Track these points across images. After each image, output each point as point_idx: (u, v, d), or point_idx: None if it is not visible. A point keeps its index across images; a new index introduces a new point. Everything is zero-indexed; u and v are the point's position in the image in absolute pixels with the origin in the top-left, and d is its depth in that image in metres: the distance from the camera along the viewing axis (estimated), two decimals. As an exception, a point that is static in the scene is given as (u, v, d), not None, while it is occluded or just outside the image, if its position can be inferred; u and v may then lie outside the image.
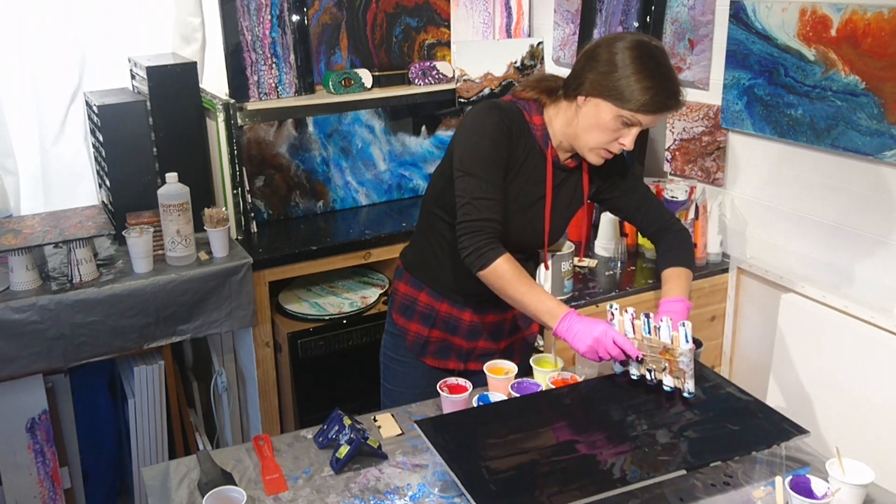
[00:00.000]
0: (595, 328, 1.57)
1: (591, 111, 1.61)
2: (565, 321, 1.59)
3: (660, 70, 1.56)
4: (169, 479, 1.51)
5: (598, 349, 1.57)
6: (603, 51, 1.59)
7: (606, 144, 1.63)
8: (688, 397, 1.59)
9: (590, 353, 1.58)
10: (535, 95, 1.71)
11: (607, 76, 1.57)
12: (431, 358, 1.90)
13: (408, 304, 1.88)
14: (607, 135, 1.61)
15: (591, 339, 1.57)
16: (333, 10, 2.76)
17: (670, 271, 1.77)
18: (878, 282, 1.96)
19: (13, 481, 2.28)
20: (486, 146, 1.64)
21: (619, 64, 1.56)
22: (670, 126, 2.48)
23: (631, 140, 1.61)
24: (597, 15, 2.63)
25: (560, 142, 1.71)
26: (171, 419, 2.49)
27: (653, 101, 1.55)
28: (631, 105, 1.56)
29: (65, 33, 2.54)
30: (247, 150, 2.68)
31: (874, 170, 1.93)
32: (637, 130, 1.61)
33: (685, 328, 1.55)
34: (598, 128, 1.61)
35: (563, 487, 1.32)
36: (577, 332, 1.58)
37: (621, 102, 1.56)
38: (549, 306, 1.61)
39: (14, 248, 2.10)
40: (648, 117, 1.58)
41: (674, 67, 1.60)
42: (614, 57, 1.57)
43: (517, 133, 1.68)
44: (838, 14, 1.93)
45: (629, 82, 1.55)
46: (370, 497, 1.45)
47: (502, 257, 1.61)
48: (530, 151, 1.71)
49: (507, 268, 1.61)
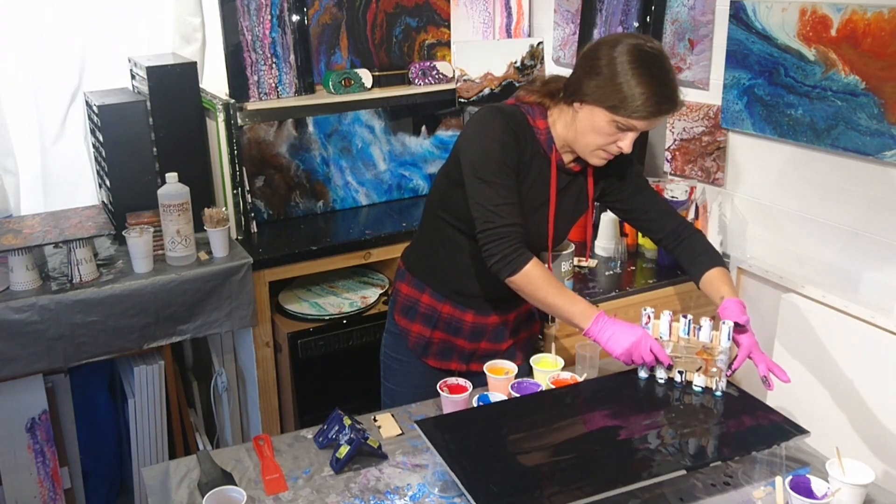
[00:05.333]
0: (633, 333, 1.60)
1: (587, 116, 1.61)
2: (598, 323, 1.61)
3: (654, 74, 1.55)
4: (169, 479, 1.51)
5: (633, 354, 1.60)
6: (598, 56, 1.59)
7: (604, 147, 1.64)
8: (717, 396, 1.62)
9: (624, 357, 1.61)
10: (538, 99, 1.71)
11: (601, 82, 1.57)
12: (433, 359, 1.90)
13: (410, 306, 1.88)
14: (604, 138, 1.62)
15: (628, 343, 1.59)
16: (333, 10, 2.76)
17: (711, 275, 1.76)
18: (878, 282, 1.96)
19: (13, 481, 2.29)
20: (497, 150, 1.64)
21: (612, 70, 1.55)
22: (670, 126, 2.48)
23: (628, 143, 1.62)
24: (597, 15, 2.63)
25: (563, 145, 1.72)
26: (171, 419, 2.49)
27: (646, 107, 1.55)
28: (625, 111, 1.56)
29: (65, 33, 2.54)
30: (247, 150, 2.68)
31: (874, 170, 1.93)
32: (634, 134, 1.61)
33: (727, 326, 1.59)
34: (595, 132, 1.62)
35: (563, 487, 1.32)
36: (613, 335, 1.60)
37: (615, 109, 1.56)
38: (580, 308, 1.63)
39: (14, 248, 2.10)
40: (643, 122, 1.58)
41: (672, 68, 1.60)
42: (608, 63, 1.56)
43: (523, 137, 1.68)
44: (838, 14, 1.93)
45: (623, 88, 1.54)
46: (370, 497, 1.45)
47: (531, 262, 1.62)
48: (535, 155, 1.71)
49: (536, 272, 1.62)
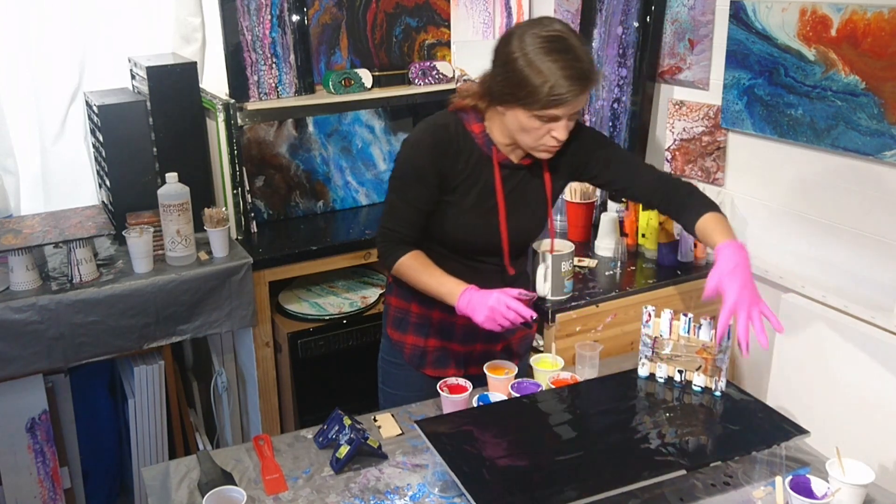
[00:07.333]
0: (489, 297, 1.58)
1: (511, 117, 1.60)
2: (463, 298, 1.61)
3: (556, 58, 1.51)
4: (169, 479, 1.51)
5: (495, 317, 1.57)
6: (498, 55, 1.58)
7: (541, 140, 1.61)
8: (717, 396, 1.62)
9: (489, 323, 1.58)
10: (471, 103, 1.68)
11: (507, 81, 1.55)
12: (430, 368, 1.89)
13: (401, 317, 1.88)
14: (535, 133, 1.60)
15: (486, 308, 1.58)
16: (333, 10, 2.76)
17: (703, 221, 1.64)
18: (878, 282, 1.96)
19: (13, 481, 2.28)
20: (408, 170, 1.70)
21: (514, 66, 1.53)
22: (670, 126, 2.48)
23: (561, 131, 1.59)
24: (597, 15, 2.63)
25: (510, 143, 1.69)
26: (171, 419, 2.49)
27: (556, 92, 1.51)
28: (538, 104, 1.53)
29: (65, 33, 2.54)
30: (247, 150, 2.68)
31: (874, 170, 1.93)
32: (564, 121, 1.58)
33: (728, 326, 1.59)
34: (523, 131, 1.60)
35: (562, 487, 1.32)
36: (476, 305, 1.59)
37: (528, 104, 1.54)
38: (449, 287, 1.65)
39: (14, 248, 2.10)
40: (563, 108, 1.54)
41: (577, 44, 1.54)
42: (507, 60, 1.55)
43: (455, 150, 1.67)
44: (838, 14, 1.93)
45: (528, 82, 1.52)
46: (370, 497, 1.45)
47: (408, 254, 1.70)
48: (477, 159, 1.69)
49: (409, 262, 1.69)
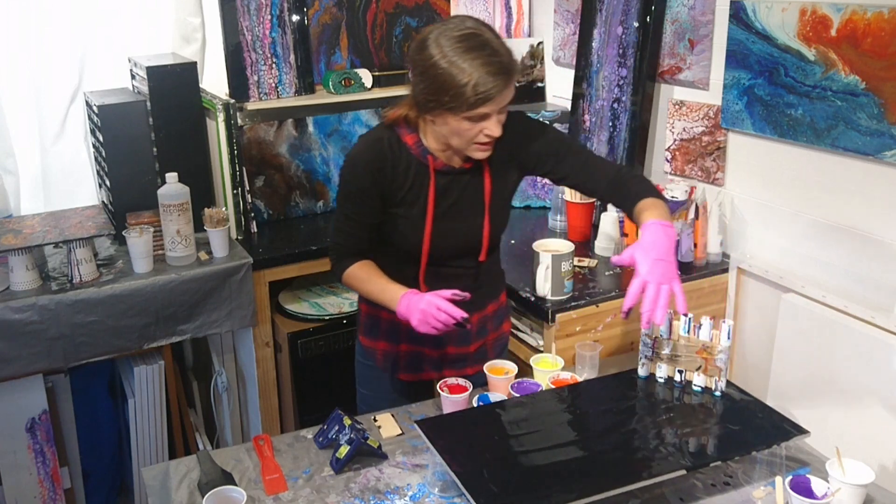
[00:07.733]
0: (421, 300, 1.59)
1: (441, 123, 1.59)
2: (402, 303, 1.62)
3: (472, 56, 1.49)
4: (169, 479, 1.51)
5: (427, 319, 1.58)
6: (415, 63, 1.57)
7: (474, 141, 1.60)
8: (717, 396, 1.62)
9: (423, 326, 1.59)
10: (402, 113, 1.67)
11: (428, 88, 1.54)
12: (404, 372, 1.89)
13: (372, 323, 1.88)
14: (468, 134, 1.58)
15: (418, 311, 1.58)
16: (333, 10, 2.76)
17: (642, 203, 1.62)
18: (878, 282, 1.96)
19: (13, 481, 2.29)
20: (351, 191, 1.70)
21: (433, 72, 1.51)
22: (670, 126, 2.48)
23: (494, 127, 1.57)
24: (597, 15, 2.63)
25: (446, 149, 1.68)
26: (171, 419, 2.49)
27: (479, 90, 1.49)
28: (465, 105, 1.52)
29: (65, 33, 2.54)
30: (247, 150, 2.68)
31: (874, 170, 1.93)
32: (495, 117, 1.56)
33: (727, 325, 1.60)
34: (455, 134, 1.59)
35: (563, 487, 1.32)
36: (412, 309, 1.59)
37: (454, 108, 1.53)
38: (390, 294, 1.66)
39: (14, 248, 2.10)
40: (489, 105, 1.52)
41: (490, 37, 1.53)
42: (425, 66, 1.53)
43: (392, 164, 1.66)
44: (838, 14, 1.93)
45: (449, 85, 1.50)
46: (370, 497, 1.45)
47: (355, 265, 1.74)
48: (416, 171, 1.68)
49: (355, 273, 1.74)
